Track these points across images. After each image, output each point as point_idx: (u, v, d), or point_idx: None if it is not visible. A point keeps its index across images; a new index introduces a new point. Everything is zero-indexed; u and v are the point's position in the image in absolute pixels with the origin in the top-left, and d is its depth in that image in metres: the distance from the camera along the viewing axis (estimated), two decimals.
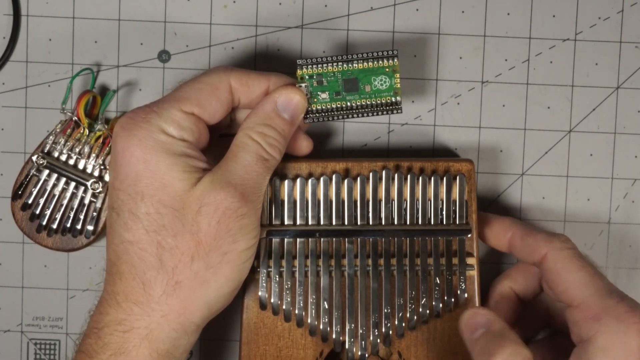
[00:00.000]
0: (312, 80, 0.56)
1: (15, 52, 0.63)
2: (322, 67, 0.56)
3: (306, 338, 0.59)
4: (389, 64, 0.56)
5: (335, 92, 0.57)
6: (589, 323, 0.53)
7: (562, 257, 0.55)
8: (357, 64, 0.56)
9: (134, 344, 0.52)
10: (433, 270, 0.58)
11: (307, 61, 0.56)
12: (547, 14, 0.62)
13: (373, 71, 0.56)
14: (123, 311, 0.52)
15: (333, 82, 0.56)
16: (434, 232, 0.58)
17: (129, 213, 0.52)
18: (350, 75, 0.56)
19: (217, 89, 0.54)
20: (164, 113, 0.53)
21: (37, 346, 0.64)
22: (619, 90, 0.63)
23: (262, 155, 0.54)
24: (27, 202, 0.61)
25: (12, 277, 0.64)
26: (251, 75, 0.55)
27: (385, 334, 0.58)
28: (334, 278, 0.58)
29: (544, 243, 0.56)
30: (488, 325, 0.54)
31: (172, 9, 0.63)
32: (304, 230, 0.58)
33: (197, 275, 0.52)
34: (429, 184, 0.58)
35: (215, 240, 0.52)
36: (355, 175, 0.58)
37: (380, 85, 0.56)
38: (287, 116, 0.55)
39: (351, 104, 0.57)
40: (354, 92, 0.57)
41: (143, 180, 0.52)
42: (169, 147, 0.52)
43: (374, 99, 0.57)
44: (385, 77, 0.56)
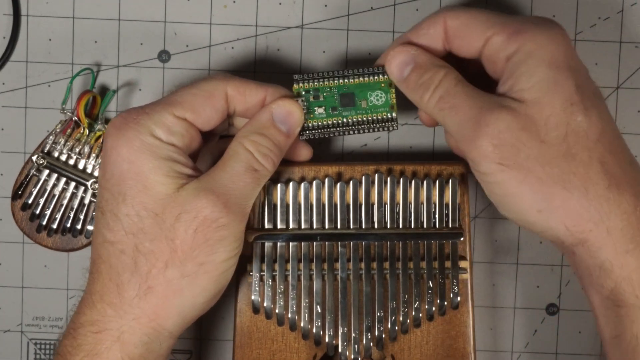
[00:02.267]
0: (309, 95, 0.56)
1: (15, 52, 0.63)
2: (318, 82, 0.56)
3: (299, 342, 0.59)
4: (384, 79, 0.56)
5: (331, 108, 0.56)
6: (513, 38, 0.51)
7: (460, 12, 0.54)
8: (353, 79, 0.56)
9: (106, 345, 0.51)
10: (426, 273, 0.58)
11: (304, 76, 0.56)
12: (547, 14, 0.62)
13: (369, 86, 0.56)
14: (97, 312, 0.52)
15: (329, 97, 0.56)
16: (427, 236, 0.58)
17: (111, 213, 0.52)
18: (347, 90, 0.56)
19: (213, 96, 0.54)
20: (155, 115, 0.53)
21: (37, 346, 0.64)
22: (619, 90, 0.63)
23: (252, 165, 0.53)
24: (27, 202, 0.61)
25: (12, 277, 0.64)
26: (249, 84, 0.55)
27: (378, 337, 0.58)
28: (327, 282, 0.58)
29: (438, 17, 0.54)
30: (414, 59, 0.54)
31: (172, 9, 0.63)
32: (297, 234, 0.58)
33: (170, 283, 0.51)
34: (422, 187, 0.58)
35: (191, 249, 0.51)
36: (348, 179, 0.58)
37: (376, 100, 0.56)
38: (283, 128, 0.55)
39: (347, 120, 0.56)
40: (350, 108, 0.56)
41: (127, 180, 0.52)
42: (155, 149, 0.52)
43: (370, 115, 0.56)
44: (381, 93, 0.56)
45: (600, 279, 0.51)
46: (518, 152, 0.50)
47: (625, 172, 0.51)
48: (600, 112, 0.51)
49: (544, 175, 0.50)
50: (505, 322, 0.64)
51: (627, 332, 0.51)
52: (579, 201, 0.50)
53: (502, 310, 0.64)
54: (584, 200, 0.50)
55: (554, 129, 0.50)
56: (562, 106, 0.50)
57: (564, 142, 0.50)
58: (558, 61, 0.51)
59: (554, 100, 0.50)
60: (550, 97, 0.50)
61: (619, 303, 0.51)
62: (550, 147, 0.50)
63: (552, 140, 0.50)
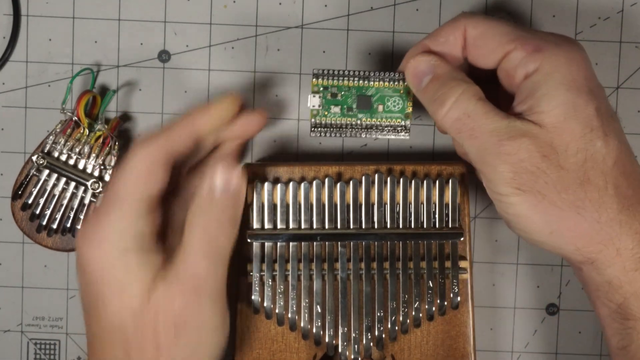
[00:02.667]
0: (327, 92, 0.56)
1: (15, 52, 0.63)
2: (338, 80, 0.56)
3: (299, 342, 0.59)
4: (404, 85, 0.56)
5: (347, 108, 0.56)
6: (532, 56, 0.51)
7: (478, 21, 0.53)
8: (373, 81, 0.56)
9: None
10: (426, 273, 0.58)
11: (324, 72, 0.56)
12: (547, 14, 0.62)
13: (388, 91, 0.56)
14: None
15: (347, 96, 0.56)
16: (427, 236, 0.58)
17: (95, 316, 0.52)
18: (365, 92, 0.56)
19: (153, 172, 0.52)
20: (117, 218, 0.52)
21: (37, 346, 0.64)
22: (619, 90, 0.63)
23: (207, 250, 0.52)
24: (27, 202, 0.61)
25: (12, 277, 0.64)
26: (174, 136, 0.53)
27: (378, 337, 0.58)
28: (327, 282, 0.58)
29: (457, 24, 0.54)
30: (434, 69, 0.53)
31: (172, 9, 0.63)
32: (297, 234, 0.58)
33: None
34: (422, 187, 0.58)
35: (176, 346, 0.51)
36: (348, 179, 0.58)
37: (393, 106, 0.56)
38: (225, 193, 0.53)
39: (361, 122, 0.56)
40: (366, 110, 0.56)
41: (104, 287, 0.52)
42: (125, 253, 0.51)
43: (385, 120, 0.56)
44: (399, 99, 0.56)
45: (609, 294, 0.51)
46: (537, 179, 0.50)
47: (636, 192, 0.51)
48: (618, 135, 0.51)
49: (559, 201, 0.50)
50: (505, 322, 0.64)
51: (634, 344, 0.51)
52: (591, 225, 0.50)
53: (502, 310, 0.64)
54: (596, 224, 0.50)
55: (573, 155, 0.50)
56: (582, 132, 0.50)
57: (581, 168, 0.50)
58: (578, 84, 0.50)
59: (574, 126, 0.50)
60: (570, 122, 0.50)
61: (627, 316, 0.51)
62: (568, 173, 0.50)
63: (571, 166, 0.50)
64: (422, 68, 0.54)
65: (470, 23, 0.53)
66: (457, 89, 0.52)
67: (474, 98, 0.52)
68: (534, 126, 0.50)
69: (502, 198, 0.51)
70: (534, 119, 0.50)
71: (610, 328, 0.52)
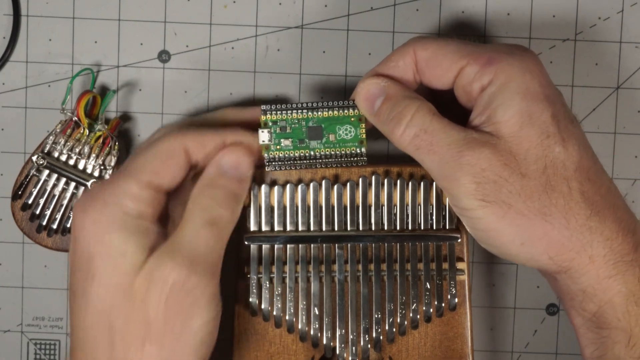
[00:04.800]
0: (276, 127, 0.56)
1: (15, 52, 0.63)
2: (286, 113, 0.56)
3: (297, 344, 0.58)
4: (354, 113, 0.56)
5: (299, 140, 0.56)
6: (485, 69, 0.51)
7: (427, 42, 0.53)
8: (322, 112, 0.56)
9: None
10: (423, 275, 0.58)
11: (272, 107, 0.56)
12: (547, 14, 0.62)
13: (338, 120, 0.56)
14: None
15: (297, 129, 0.56)
16: (424, 237, 0.58)
17: (82, 295, 0.51)
18: (315, 123, 0.56)
19: (173, 156, 0.53)
20: (119, 189, 0.51)
21: (37, 346, 0.64)
22: (619, 90, 0.63)
23: (208, 219, 0.52)
24: (27, 202, 0.61)
25: (12, 277, 0.64)
26: (206, 135, 0.54)
27: (376, 339, 0.58)
28: (324, 284, 0.58)
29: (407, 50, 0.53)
30: (385, 91, 0.53)
31: (172, 9, 0.63)
32: (294, 236, 0.58)
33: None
34: (419, 189, 0.58)
35: (165, 320, 0.50)
36: (345, 181, 0.58)
37: (345, 134, 0.56)
38: (233, 174, 0.54)
39: (314, 153, 0.56)
40: (317, 141, 0.56)
41: (95, 259, 0.50)
42: (122, 224, 0.51)
43: (338, 149, 0.56)
44: (350, 127, 0.56)
45: (583, 303, 0.51)
46: (500, 188, 0.50)
47: (604, 198, 0.51)
48: (577, 140, 0.51)
49: (525, 209, 0.50)
50: (505, 323, 0.64)
51: (609, 353, 0.51)
52: (561, 232, 0.50)
53: (502, 311, 0.64)
54: (566, 230, 0.50)
55: (533, 162, 0.50)
56: (539, 138, 0.50)
57: (543, 174, 0.50)
58: (533, 92, 0.50)
59: (531, 134, 0.50)
60: (527, 130, 0.50)
61: (601, 325, 0.51)
62: (531, 181, 0.50)
63: (532, 173, 0.50)
64: (373, 91, 0.53)
65: (419, 45, 0.53)
66: (411, 106, 0.52)
67: (429, 114, 0.52)
68: (491, 137, 0.50)
69: (468, 213, 0.51)
70: (491, 129, 0.50)
71: (585, 338, 0.52)
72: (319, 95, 0.63)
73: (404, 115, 0.52)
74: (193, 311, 0.50)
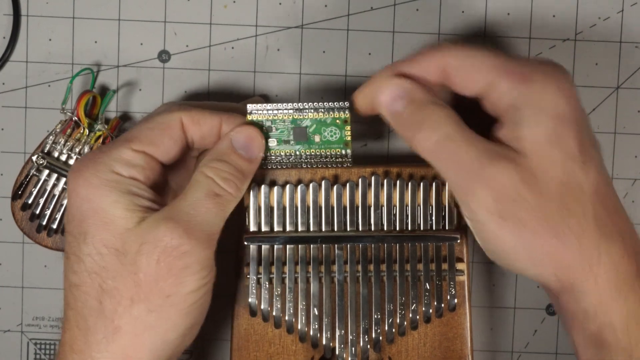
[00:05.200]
0: (262, 127, 0.56)
1: (15, 52, 0.63)
2: (272, 113, 0.56)
3: (296, 344, 0.58)
4: (339, 115, 0.56)
5: (284, 141, 0.56)
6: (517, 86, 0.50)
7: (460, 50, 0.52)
8: (307, 113, 0.56)
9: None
10: (423, 275, 0.58)
11: (258, 107, 0.56)
12: (547, 14, 0.62)
13: (323, 122, 0.56)
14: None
15: (282, 130, 0.56)
16: (424, 238, 0.58)
17: (74, 255, 0.51)
18: (300, 124, 0.56)
19: (169, 127, 0.53)
20: (113, 153, 0.52)
21: (37, 346, 0.64)
22: (619, 90, 0.63)
23: (213, 190, 0.52)
24: (27, 202, 0.61)
25: (12, 277, 0.64)
26: (203, 113, 0.54)
27: (376, 339, 0.58)
28: (324, 284, 0.58)
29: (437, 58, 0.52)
30: (408, 94, 0.52)
31: (172, 9, 0.63)
32: (294, 236, 0.58)
33: (137, 320, 0.50)
34: (418, 189, 0.58)
35: (155, 282, 0.50)
36: (345, 182, 0.58)
37: (330, 136, 0.56)
38: (244, 153, 0.54)
39: (300, 153, 0.56)
40: (303, 142, 0.56)
41: (87, 219, 0.51)
42: (114, 185, 0.51)
43: (323, 150, 0.56)
44: (335, 129, 0.56)
45: (584, 323, 0.51)
46: (518, 206, 0.49)
47: (614, 222, 0.51)
48: (597, 165, 0.51)
49: (540, 228, 0.50)
50: (505, 322, 0.64)
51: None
52: (571, 253, 0.50)
53: (502, 311, 0.64)
54: (577, 252, 0.50)
55: (553, 183, 0.50)
56: (562, 160, 0.50)
57: (560, 196, 0.50)
58: (562, 113, 0.50)
59: (555, 155, 0.50)
60: (551, 150, 0.50)
61: (602, 344, 0.51)
62: (548, 201, 0.50)
63: (550, 194, 0.50)
64: (395, 91, 0.52)
65: (450, 52, 0.52)
66: (437, 113, 0.51)
67: (453, 122, 0.51)
68: (515, 153, 0.50)
69: (482, 226, 0.51)
70: (516, 146, 0.50)
71: (585, 356, 0.52)
72: (319, 95, 0.63)
73: (428, 121, 0.51)
74: (184, 276, 0.50)
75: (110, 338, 0.50)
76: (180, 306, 0.50)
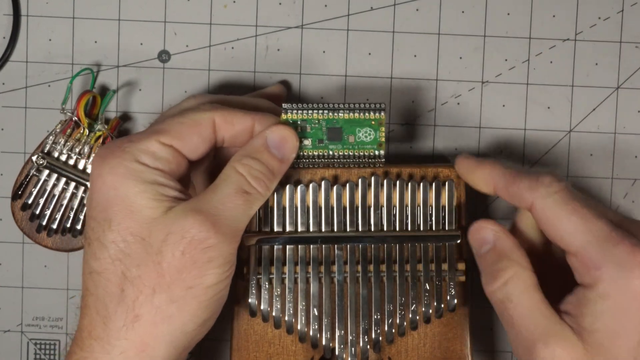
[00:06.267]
0: (296, 126, 0.56)
1: (15, 52, 0.63)
2: (307, 113, 0.56)
3: (296, 345, 0.58)
4: (375, 116, 0.56)
5: (318, 140, 0.56)
6: (589, 272, 0.51)
7: (550, 204, 0.52)
8: (342, 113, 0.56)
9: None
10: (423, 276, 0.58)
11: (293, 106, 0.56)
12: (547, 14, 0.62)
13: (358, 122, 0.56)
14: (86, 349, 0.50)
15: (317, 129, 0.56)
16: (424, 238, 0.58)
17: (97, 241, 0.51)
18: (335, 124, 0.56)
19: (200, 125, 0.53)
20: (141, 143, 0.52)
21: (37, 346, 0.64)
22: (619, 90, 0.63)
23: (243, 187, 0.52)
24: (27, 202, 0.61)
25: (12, 277, 0.64)
26: (236, 113, 0.54)
27: (375, 340, 0.58)
28: (324, 285, 0.58)
29: (528, 192, 0.53)
30: (494, 241, 0.54)
31: (172, 9, 0.63)
32: (293, 237, 0.58)
33: (158, 309, 0.50)
34: (418, 190, 0.58)
35: (179, 273, 0.50)
36: (344, 182, 0.58)
37: (365, 137, 0.56)
38: (277, 153, 0.54)
39: (333, 153, 0.56)
40: (337, 142, 0.56)
41: (112, 207, 0.51)
42: (140, 174, 0.51)
43: (357, 150, 0.56)
44: (370, 130, 0.56)
45: None
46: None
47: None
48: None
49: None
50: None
51: None
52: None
53: None
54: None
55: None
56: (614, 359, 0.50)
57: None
58: (628, 313, 0.50)
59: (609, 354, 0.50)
60: (606, 349, 0.50)
61: None
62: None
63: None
64: (484, 235, 0.55)
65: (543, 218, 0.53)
66: (509, 270, 0.53)
67: (522, 285, 0.52)
68: (572, 335, 0.51)
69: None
70: (574, 327, 0.51)
71: None
72: (319, 95, 0.63)
73: (499, 276, 0.53)
74: (207, 269, 0.50)
75: (130, 326, 0.50)
76: (201, 298, 0.50)
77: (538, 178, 0.53)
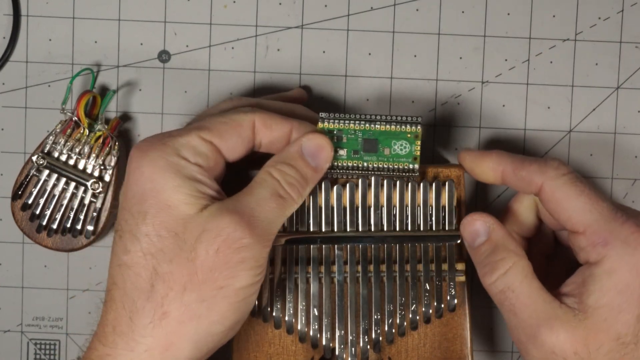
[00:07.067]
0: (332, 136, 0.56)
1: (15, 52, 0.63)
2: (344, 123, 0.56)
3: (296, 345, 0.58)
4: (411, 129, 0.56)
5: (353, 151, 0.56)
6: (596, 248, 0.52)
7: (559, 185, 0.53)
8: (379, 125, 0.56)
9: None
10: (422, 276, 0.58)
11: (330, 115, 0.56)
12: (547, 14, 0.62)
13: (394, 135, 0.56)
14: (109, 345, 0.50)
15: (353, 139, 0.56)
16: (424, 238, 0.58)
17: (130, 234, 0.50)
18: (371, 135, 0.56)
19: (241, 126, 0.53)
20: (182, 137, 0.52)
21: (37, 346, 0.64)
22: (619, 90, 0.63)
23: (278, 191, 0.52)
24: (27, 202, 0.61)
25: (12, 277, 0.64)
26: (276, 118, 0.54)
27: (375, 340, 0.58)
28: (324, 285, 0.58)
29: (537, 175, 0.54)
30: (489, 233, 0.55)
31: (172, 9, 0.63)
32: (294, 237, 0.57)
33: (187, 307, 0.49)
34: (418, 190, 0.58)
35: (211, 271, 0.49)
36: (344, 182, 0.58)
37: (400, 150, 0.56)
38: (311, 161, 0.54)
39: (368, 165, 0.56)
40: (372, 153, 0.56)
41: (148, 200, 0.50)
42: (179, 169, 0.51)
43: (392, 163, 0.56)
44: (405, 143, 0.56)
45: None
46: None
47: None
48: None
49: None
50: (505, 323, 0.64)
51: None
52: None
53: None
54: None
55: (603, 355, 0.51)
56: (617, 335, 0.51)
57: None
58: (631, 289, 0.52)
59: (611, 329, 0.51)
60: (609, 324, 0.51)
61: None
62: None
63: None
64: (478, 227, 0.56)
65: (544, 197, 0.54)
66: (507, 260, 0.54)
67: (521, 274, 0.53)
68: (573, 316, 0.52)
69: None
70: (578, 307, 0.52)
71: None
72: (319, 95, 0.63)
73: (497, 267, 0.54)
74: (239, 270, 0.50)
75: (157, 323, 0.49)
76: (231, 299, 0.50)
77: (546, 162, 0.54)
